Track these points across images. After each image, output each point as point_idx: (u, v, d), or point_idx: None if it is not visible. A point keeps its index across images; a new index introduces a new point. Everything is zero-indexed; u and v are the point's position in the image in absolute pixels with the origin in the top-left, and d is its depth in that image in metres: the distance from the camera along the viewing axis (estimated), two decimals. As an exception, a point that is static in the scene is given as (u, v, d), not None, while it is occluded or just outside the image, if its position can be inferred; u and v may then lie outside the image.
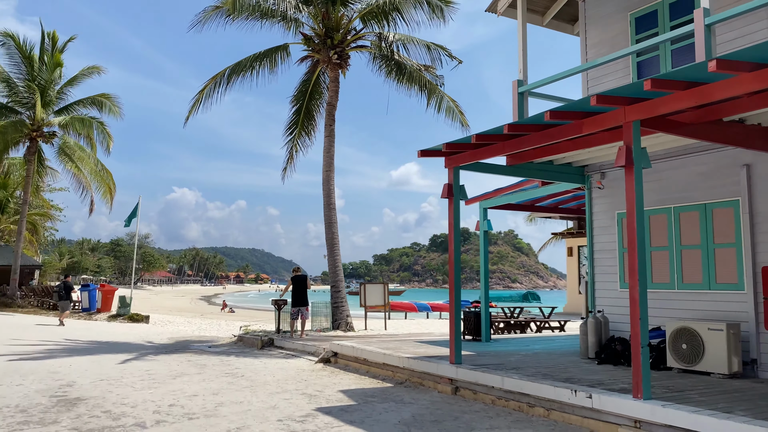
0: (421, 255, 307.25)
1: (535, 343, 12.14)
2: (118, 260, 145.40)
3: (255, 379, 9.97)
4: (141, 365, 11.51)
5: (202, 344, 16.41)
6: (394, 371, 9.89)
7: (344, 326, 16.45)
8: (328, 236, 17.28)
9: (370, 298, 17.32)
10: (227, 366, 11.48)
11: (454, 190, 8.90)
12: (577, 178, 10.44)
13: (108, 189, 29.57)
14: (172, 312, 44.94)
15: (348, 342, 11.74)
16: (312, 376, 10.24)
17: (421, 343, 11.89)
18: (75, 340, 16.43)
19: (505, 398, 7.69)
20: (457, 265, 8.89)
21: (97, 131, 29.30)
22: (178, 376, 10.14)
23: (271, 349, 14.12)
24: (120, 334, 19.61)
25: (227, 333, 22.56)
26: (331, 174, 17.58)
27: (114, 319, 25.28)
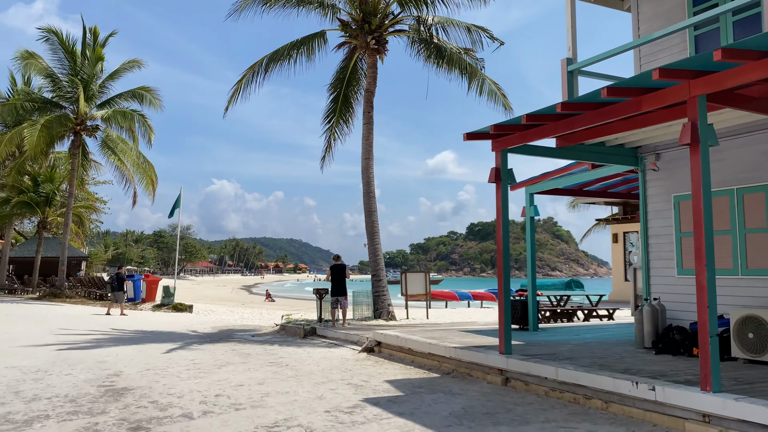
0: (458, 244, 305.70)
1: (585, 332, 11.75)
2: (161, 251, 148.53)
3: (299, 368, 9.85)
4: (186, 355, 11.53)
5: (245, 333, 16.44)
6: (440, 361, 9.66)
7: (386, 315, 16.28)
8: (368, 225, 17.09)
9: (412, 286, 17.10)
10: (271, 355, 11.41)
11: (501, 174, 8.57)
12: (629, 160, 9.98)
13: (150, 181, 29.98)
14: (214, 301, 45.59)
15: (391, 331, 11.55)
16: (356, 366, 10.08)
17: (467, 333, 11.62)
18: (121, 330, 16.65)
19: (559, 390, 7.38)
20: (506, 252, 8.58)
21: (138, 124, 29.71)
22: (223, 366, 10.10)
23: (313, 339, 14.03)
24: (165, 323, 19.84)
25: (269, 322, 22.66)
26: (370, 162, 17.36)
27: (158, 308, 25.67)
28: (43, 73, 29.69)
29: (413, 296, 17.19)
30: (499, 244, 8.60)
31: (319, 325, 14.83)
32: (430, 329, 12.72)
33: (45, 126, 27.51)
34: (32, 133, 26.69)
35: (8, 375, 9.10)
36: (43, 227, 38.97)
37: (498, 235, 8.62)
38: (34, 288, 35.23)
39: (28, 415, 6.59)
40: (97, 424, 6.19)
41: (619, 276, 27.48)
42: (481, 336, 11.01)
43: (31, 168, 35.60)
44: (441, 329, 12.60)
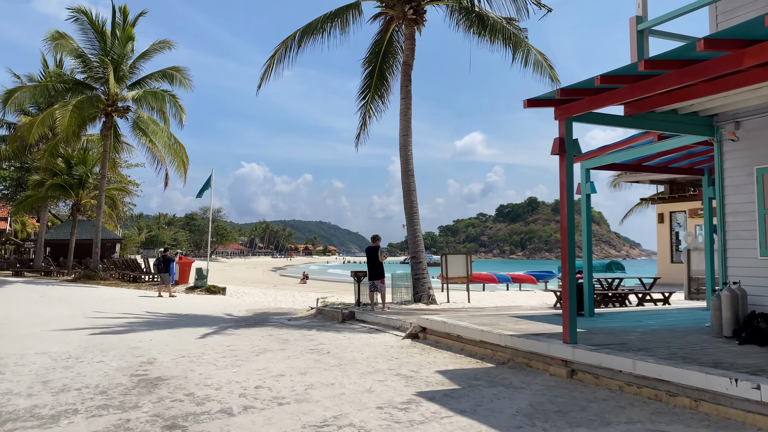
0: (487, 225, 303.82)
1: (646, 318, 10.89)
2: (193, 233, 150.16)
3: (342, 356, 9.21)
4: (222, 340, 11.00)
5: (280, 317, 15.92)
6: (494, 350, 8.93)
7: (426, 299, 15.59)
8: (407, 205, 16.35)
9: (453, 269, 16.37)
10: (310, 341, 10.81)
11: (566, 144, 7.74)
12: (704, 130, 9.04)
13: (181, 162, 29.62)
14: (246, 283, 45.51)
15: (437, 317, 10.84)
16: (402, 354, 9.40)
17: (518, 318, 10.85)
18: (155, 313, 16.26)
19: (636, 385, 6.60)
20: (571, 231, 7.78)
21: (169, 104, 29.29)
22: (261, 353, 9.52)
23: (352, 323, 13.41)
24: (198, 306, 19.46)
25: (303, 305, 22.17)
26: (408, 139, 16.58)
27: (192, 290, 25.39)
28: (73, 54, 29.41)
29: (454, 279, 16.45)
30: (564, 223, 7.80)
31: (358, 309, 14.20)
32: (476, 314, 11.99)
33: (76, 107, 27.26)
34: (64, 114, 26.46)
35: (38, 362, 8.64)
36: (77, 210, 39.09)
37: (562, 213, 7.82)
38: (69, 270, 35.37)
39: (56, 409, 6.05)
40: (129, 421, 5.61)
41: (664, 257, 26.34)
42: (535, 322, 10.24)
43: (63, 150, 35.57)
44: (487, 314, 11.85)
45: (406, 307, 15.07)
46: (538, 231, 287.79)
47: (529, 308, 14.74)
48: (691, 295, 17.49)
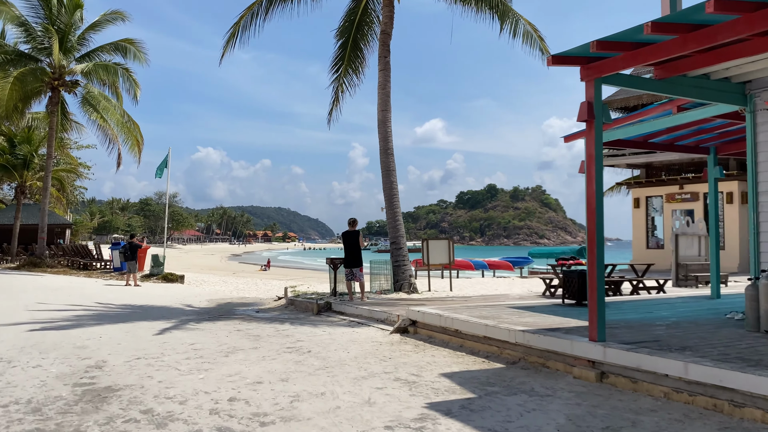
0: (448, 212, 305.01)
1: (657, 309, 9.94)
2: (148, 219, 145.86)
3: (326, 356, 7.98)
4: (184, 336, 9.62)
5: (247, 308, 14.56)
6: (501, 347, 7.82)
7: (407, 288, 14.44)
8: (386, 186, 15.12)
9: (434, 255, 15.25)
10: (286, 337, 9.53)
11: (595, 109, 6.63)
12: (735, 98, 8.05)
13: (135, 141, 27.67)
14: (204, 270, 43.78)
15: (431, 309, 9.69)
16: (395, 352, 8.22)
17: (519, 310, 9.78)
18: (106, 304, 14.70)
19: (688, 392, 5.56)
20: (600, 210, 6.71)
21: (122, 78, 27.24)
22: (231, 353, 8.20)
23: (329, 315, 12.16)
24: (155, 296, 17.92)
25: (268, 294, 20.85)
26: (387, 114, 15.32)
27: (147, 279, 23.71)
28: (15, 22, 27.01)
29: (436, 266, 15.35)
30: (592, 199, 6.71)
31: (335, 300, 12.95)
32: (471, 305, 10.89)
33: (18, 79, 25.06)
34: (3, 87, 24.27)
35: (-41, 368, 7.16)
36: (22, 193, 36.62)
37: (589, 189, 6.73)
38: (13, 257, 33.07)
39: (-30, 437, 4.68)
40: (67, 455, 4.29)
41: (640, 243, 25.81)
42: (540, 314, 9.18)
43: (6, 128, 33.07)
44: (482, 305, 10.76)
45: (386, 296, 13.89)
46: (496, 217, 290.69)
47: (517, 297, 13.74)
48: (678, 282, 16.76)
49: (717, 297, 11.57)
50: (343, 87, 17.95)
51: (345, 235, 13.12)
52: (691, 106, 8.95)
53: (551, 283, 13.95)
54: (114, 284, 21.76)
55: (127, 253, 21.15)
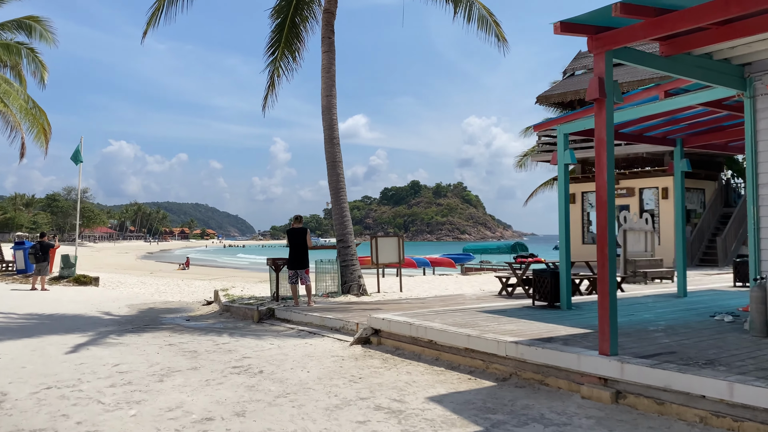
0: (372, 208, 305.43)
1: (637, 311, 9.23)
2: (55, 216, 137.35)
3: (283, 377, 6.73)
4: (105, 355, 8.09)
5: (174, 316, 13.00)
6: (486, 361, 6.82)
7: (356, 289, 13.28)
8: (332, 179, 13.89)
9: (383, 253, 14.17)
10: (228, 353, 8.18)
11: (606, 86, 5.71)
12: (734, 82, 7.38)
13: (42, 130, 24.99)
14: (119, 270, 41.05)
15: (398, 316, 8.58)
16: (363, 370, 7.07)
17: (491, 314, 8.84)
18: (8, 314, 12.74)
19: (732, 416, 4.72)
20: (611, 200, 5.79)
21: (26, 59, 24.54)
22: (166, 376, 6.80)
23: (274, 323, 10.83)
24: (67, 301, 15.95)
25: (193, 297, 19.22)
26: (332, 100, 14.08)
27: (57, 281, 21.41)
28: None
29: (386, 265, 14.29)
30: (602, 191, 5.79)
31: (278, 306, 11.62)
32: (431, 309, 9.86)
33: None
34: None
35: None
36: None
37: (600, 176, 5.81)
38: None
39: None
40: None
41: (576, 239, 25.69)
42: (516, 319, 8.26)
43: None
44: (446, 309, 9.75)
45: (333, 300, 12.67)
46: (420, 213, 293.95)
47: (474, 297, 12.87)
48: (626, 279, 16.43)
49: (684, 295, 11.10)
50: (279, 71, 16.54)
51: (291, 233, 11.80)
52: (678, 92, 8.28)
53: (508, 282, 13.16)
54: (18, 289, 19.43)
55: (38, 254, 18.94)
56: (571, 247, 25.12)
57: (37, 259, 18.89)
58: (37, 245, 19.24)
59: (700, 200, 24.95)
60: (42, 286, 18.96)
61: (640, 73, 23.21)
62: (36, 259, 18.88)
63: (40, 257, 18.89)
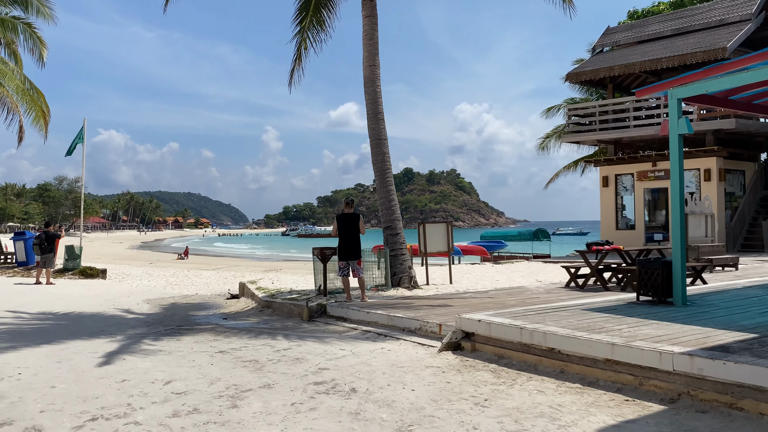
0: (366, 196, 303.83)
1: (755, 305, 7.88)
2: (47, 206, 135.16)
3: (386, 399, 5.33)
4: (148, 367, 6.66)
5: (206, 313, 11.61)
6: (639, 376, 5.45)
7: (407, 282, 11.88)
8: (377, 158, 12.44)
9: (432, 241, 12.76)
10: (297, 363, 6.76)
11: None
12: None
13: (41, 112, 23.34)
14: (116, 261, 39.66)
15: (502, 318, 7.17)
16: (479, 387, 5.67)
17: (600, 313, 7.46)
18: (18, 313, 11.27)
19: None
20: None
21: (23, 36, 22.83)
22: (237, 399, 5.39)
23: (328, 322, 9.41)
24: (77, 296, 14.50)
25: (210, 290, 17.88)
26: (376, 70, 12.59)
27: (61, 274, 19.91)
28: None
29: (434, 254, 12.91)
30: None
31: (330, 302, 10.19)
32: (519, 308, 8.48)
33: None
34: None
35: None
36: None
37: None
38: None
39: None
40: None
41: (609, 223, 24.41)
42: (642, 319, 6.89)
43: None
44: (541, 306, 8.38)
45: (384, 294, 11.26)
46: (413, 201, 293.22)
47: (541, 290, 11.49)
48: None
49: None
50: (307, 43, 15.04)
51: (342, 220, 10.37)
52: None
53: (577, 273, 11.81)
54: (21, 282, 17.93)
55: (44, 245, 17.46)
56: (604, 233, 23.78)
57: (42, 250, 17.40)
58: (42, 235, 17.76)
59: (740, 182, 23.66)
60: (47, 279, 17.49)
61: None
62: (41, 250, 17.39)
63: (46, 248, 17.42)
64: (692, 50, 21.12)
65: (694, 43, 21.82)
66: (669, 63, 21.49)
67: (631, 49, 24.37)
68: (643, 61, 22.27)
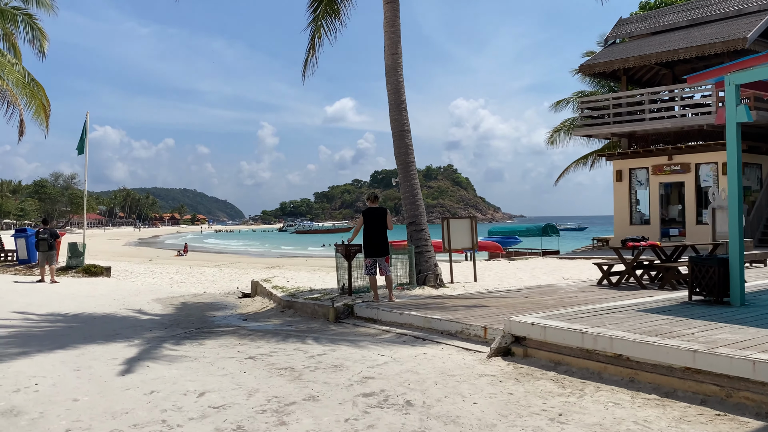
0: (363, 192, 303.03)
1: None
2: (43, 202, 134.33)
3: (448, 413, 4.81)
4: (175, 375, 6.12)
5: (224, 314, 11.08)
6: (726, 387, 4.94)
7: (433, 280, 11.36)
8: (401, 151, 11.89)
9: (456, 237, 12.24)
10: (337, 370, 6.23)
11: None
12: None
13: (41, 106, 22.68)
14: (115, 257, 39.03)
15: (550, 320, 6.65)
16: (548, 400, 5.16)
17: (664, 316, 6.94)
18: (26, 314, 10.71)
19: None
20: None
21: (24, 26, 22.15)
22: (282, 414, 4.86)
23: (358, 324, 8.86)
24: (84, 296, 13.95)
25: (218, 288, 17.40)
26: (398, 59, 12.04)
27: (64, 272, 19.34)
28: None
29: (458, 250, 12.40)
30: None
31: (356, 302, 9.65)
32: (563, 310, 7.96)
33: None
34: None
35: None
36: None
37: None
38: None
39: None
40: None
41: (623, 219, 23.91)
42: (707, 322, 6.37)
43: None
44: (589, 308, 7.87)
45: (411, 293, 10.73)
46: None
47: (575, 288, 10.99)
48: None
49: None
50: (321, 32, 14.49)
51: (369, 215, 9.81)
52: None
53: (610, 270, 11.31)
54: (23, 281, 17.35)
55: (51, 240, 16.97)
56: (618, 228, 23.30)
57: (50, 247, 16.88)
58: (47, 231, 17.20)
59: (757, 176, 23.18)
60: (51, 277, 16.92)
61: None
62: (49, 246, 16.86)
63: (52, 244, 16.92)
64: (710, 41, 20.60)
65: (711, 33, 21.30)
66: (686, 54, 20.97)
67: (646, 40, 23.85)
68: (660, 52, 21.74)
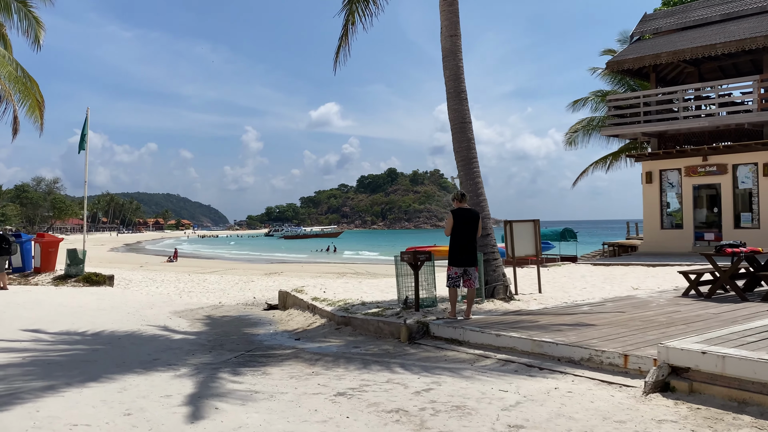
0: (349, 196, 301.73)
1: None
2: (25, 207, 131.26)
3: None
4: (258, 424, 4.73)
5: (266, 332, 9.70)
6: None
7: (502, 292, 10.01)
8: (462, 145, 10.55)
9: (520, 244, 10.90)
10: (462, 414, 4.88)
11: None
12: None
13: (35, 102, 21.08)
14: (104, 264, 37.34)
15: (724, 347, 5.35)
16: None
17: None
18: (36, 333, 9.18)
19: None
20: None
21: (18, 15, 20.56)
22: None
23: (439, 346, 7.48)
24: (93, 309, 12.46)
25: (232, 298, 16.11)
26: (457, 41, 10.73)
27: (63, 281, 17.78)
28: None
29: (523, 258, 11.10)
30: None
31: (430, 319, 8.28)
32: (679, 329, 6.66)
33: None
34: None
35: None
36: None
37: None
38: None
39: None
40: None
41: (653, 222, 22.76)
42: None
43: None
44: (733, 330, 6.60)
45: (479, 306, 9.38)
46: (397, 201, 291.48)
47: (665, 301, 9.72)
48: None
49: None
50: (355, 17, 13.17)
51: (461, 216, 8.27)
52: None
53: (699, 279, 10.07)
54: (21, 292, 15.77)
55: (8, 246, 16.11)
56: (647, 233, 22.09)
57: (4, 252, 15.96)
58: None
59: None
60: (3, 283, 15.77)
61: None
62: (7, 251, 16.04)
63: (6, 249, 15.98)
64: (751, 35, 19.56)
65: (750, 27, 20.27)
66: (725, 49, 19.92)
67: (676, 36, 22.79)
68: (695, 47, 20.65)
